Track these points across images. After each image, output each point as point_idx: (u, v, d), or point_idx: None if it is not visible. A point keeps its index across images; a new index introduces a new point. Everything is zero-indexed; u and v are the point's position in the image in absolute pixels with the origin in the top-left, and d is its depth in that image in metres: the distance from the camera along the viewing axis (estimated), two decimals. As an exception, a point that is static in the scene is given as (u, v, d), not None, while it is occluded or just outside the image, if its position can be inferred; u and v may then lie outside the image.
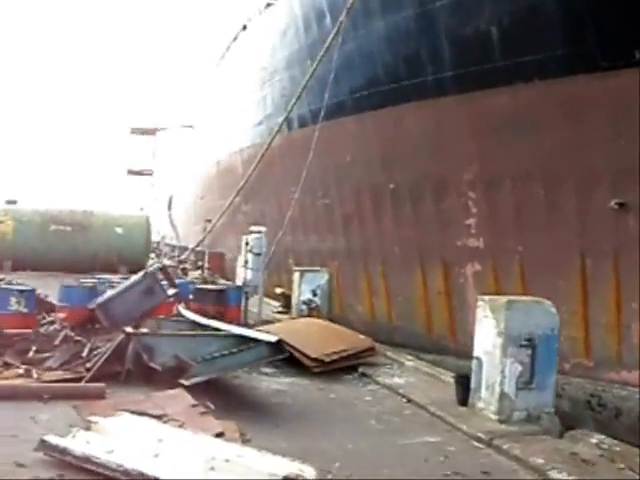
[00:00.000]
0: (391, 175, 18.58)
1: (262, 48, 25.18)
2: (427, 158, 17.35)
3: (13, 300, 11.22)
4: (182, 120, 56.17)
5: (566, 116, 14.10)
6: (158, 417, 6.90)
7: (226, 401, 8.52)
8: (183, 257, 37.61)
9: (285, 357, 9.76)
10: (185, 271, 26.19)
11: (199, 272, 26.48)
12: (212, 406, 7.99)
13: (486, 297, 8.96)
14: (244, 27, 27.47)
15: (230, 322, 11.06)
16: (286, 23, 22.80)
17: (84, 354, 9.54)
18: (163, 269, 11.91)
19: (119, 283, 12.38)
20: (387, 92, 18.15)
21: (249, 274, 14.29)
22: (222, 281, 20.78)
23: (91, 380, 8.86)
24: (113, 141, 72.64)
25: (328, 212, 21.76)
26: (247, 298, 14.05)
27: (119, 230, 26.29)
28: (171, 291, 11.88)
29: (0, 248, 25.50)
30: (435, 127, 16.95)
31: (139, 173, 63.63)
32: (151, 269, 11.06)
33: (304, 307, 13.95)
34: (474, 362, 8.81)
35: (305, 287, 13.77)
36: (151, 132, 62.46)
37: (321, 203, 21.90)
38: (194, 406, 7.51)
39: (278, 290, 15.35)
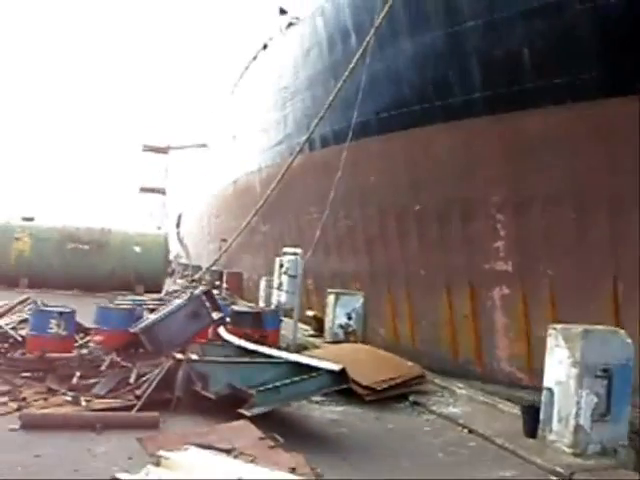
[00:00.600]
0: (417, 196, 18.57)
1: (283, 67, 25.32)
2: (455, 180, 17.33)
3: (53, 322, 10.78)
4: (195, 139, 56.51)
5: (599, 139, 14.10)
6: (227, 451, 6.58)
7: (283, 431, 8.15)
8: (196, 277, 37.68)
9: (347, 387, 9.30)
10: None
11: (217, 292, 26.36)
12: (281, 439, 7.69)
13: (558, 326, 8.66)
14: (264, 46, 27.65)
15: (269, 346, 10.82)
16: (309, 43, 22.92)
17: (132, 380, 9.16)
18: (208, 292, 11.56)
19: (156, 305, 12.21)
20: (414, 113, 18.17)
21: (284, 297, 14.08)
22: (242, 302, 20.69)
23: (141, 408, 8.54)
24: (126, 159, 73.11)
25: (350, 233, 21.73)
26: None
27: (137, 249, 26.26)
28: (216, 315, 11.62)
29: (17, 265, 25.53)
30: (464, 148, 16.94)
31: (152, 191, 63.88)
32: (196, 292, 10.74)
33: (339, 331, 13.57)
34: (545, 393, 8.53)
35: (340, 310, 13.41)
36: (163, 150, 62.74)
37: (343, 224, 21.86)
38: (262, 439, 7.19)
39: (309, 313, 14.97)
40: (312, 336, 15.13)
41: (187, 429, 7.79)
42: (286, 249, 15.16)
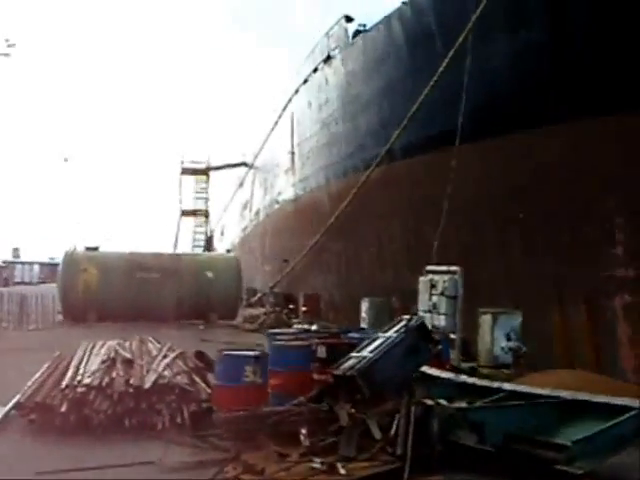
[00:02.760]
0: (520, 204, 18.10)
1: (352, 76, 25.06)
2: (563, 184, 16.86)
3: (248, 369, 9.48)
4: (236, 158, 56.55)
5: None
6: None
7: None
8: (253, 300, 37.60)
9: None
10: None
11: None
12: None
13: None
14: (328, 57, 27.40)
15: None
16: (384, 49, 22.63)
17: (376, 435, 7.96)
18: (423, 324, 10.17)
19: (321, 337, 11.32)
20: (514, 117, 17.76)
21: (442, 320, 13.32)
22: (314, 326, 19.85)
23: (400, 468, 7.35)
24: (165, 182, 73.76)
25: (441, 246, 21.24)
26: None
27: (209, 274, 26.03)
28: (435, 349, 10.34)
29: (84, 298, 25.43)
30: (573, 151, 16.48)
31: (193, 214, 63.74)
32: (411, 323, 9.52)
33: (503, 354, 12.57)
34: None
35: (498, 331, 12.55)
36: (203, 171, 62.69)
37: (428, 238, 21.38)
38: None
39: (452, 335, 13.83)
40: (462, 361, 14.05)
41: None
42: (430, 267, 14.50)
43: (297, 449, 8.00)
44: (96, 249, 27.28)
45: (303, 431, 8.27)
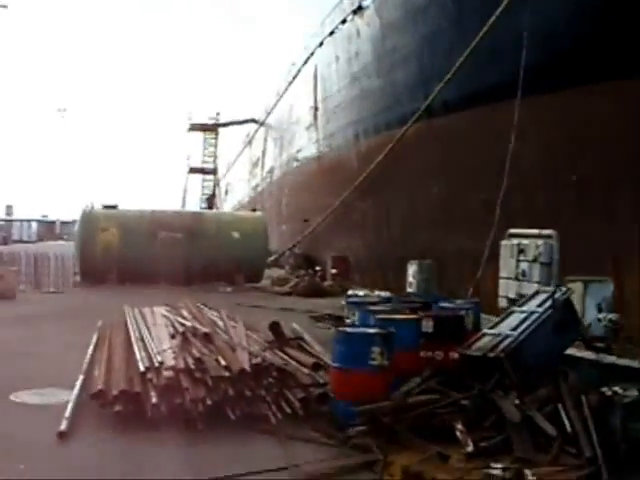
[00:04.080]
0: (577, 164, 17.36)
1: (389, 27, 24.10)
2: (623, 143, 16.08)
3: (375, 351, 7.80)
4: (246, 115, 55.56)
5: None
6: None
7: None
8: (269, 260, 36.67)
9: None
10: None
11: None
12: None
13: None
14: (359, 7, 26.42)
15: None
16: (422, 0, 21.72)
17: (551, 432, 6.83)
18: (569, 298, 8.98)
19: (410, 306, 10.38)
20: (573, 69, 16.94)
21: (532, 289, 12.32)
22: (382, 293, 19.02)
23: (594, 474, 6.34)
24: (172, 138, 72.84)
25: (485, 208, 20.49)
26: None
27: (236, 234, 25.27)
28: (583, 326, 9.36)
29: (104, 259, 24.72)
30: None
31: (201, 171, 63.02)
32: (557, 295, 8.47)
33: (601, 327, 11.57)
34: None
35: (590, 301, 11.67)
36: (211, 128, 61.83)
37: (476, 198, 20.67)
38: None
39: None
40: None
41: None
42: (514, 230, 13.67)
43: (457, 449, 6.84)
44: (115, 207, 26.48)
45: (459, 426, 7.03)
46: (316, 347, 9.88)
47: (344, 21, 28.17)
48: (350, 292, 16.88)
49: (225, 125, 61.09)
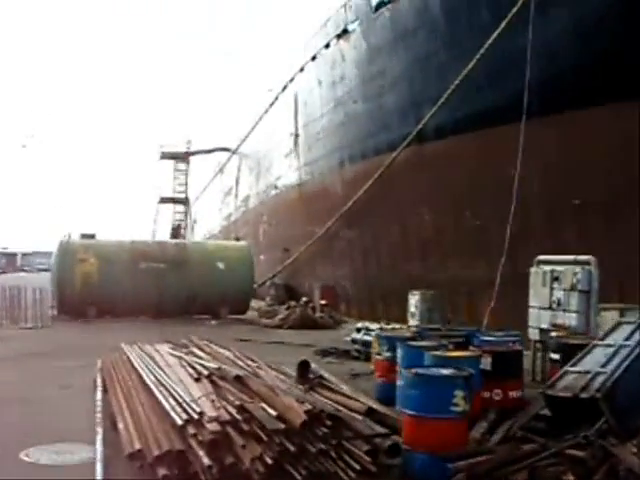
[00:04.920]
0: (577, 188, 17.10)
1: (376, 51, 23.83)
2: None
3: (458, 395, 7.00)
4: (218, 144, 55.04)
5: None
6: None
7: None
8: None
9: None
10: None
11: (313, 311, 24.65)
12: None
13: None
14: (344, 31, 26.15)
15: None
16: (414, 21, 21.48)
17: None
18: None
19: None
20: (572, 93, 16.74)
21: (572, 319, 11.77)
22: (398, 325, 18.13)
23: None
24: (144, 167, 72.00)
25: (479, 234, 20.16)
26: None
27: (220, 265, 24.66)
28: None
29: (83, 291, 23.97)
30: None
31: (172, 200, 62.23)
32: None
33: None
34: None
35: None
36: (183, 157, 61.15)
37: (470, 224, 20.35)
38: None
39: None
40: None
41: None
42: (544, 257, 13.12)
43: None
44: (93, 236, 25.76)
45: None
46: (343, 387, 9.10)
47: (327, 45, 27.84)
48: (360, 325, 16.26)
49: (196, 153, 60.44)
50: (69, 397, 10.82)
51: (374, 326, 15.57)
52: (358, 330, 15.70)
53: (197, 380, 8.64)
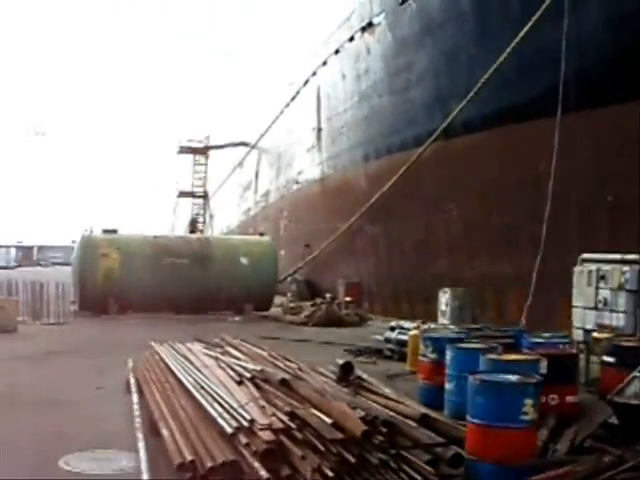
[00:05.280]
0: (611, 185, 16.83)
1: (402, 44, 23.58)
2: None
3: (528, 404, 6.69)
4: (237, 138, 54.85)
5: None
6: None
7: None
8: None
9: None
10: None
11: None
12: None
13: None
14: (369, 24, 25.90)
15: None
16: (443, 14, 21.23)
17: None
18: None
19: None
20: (605, 88, 16.47)
21: (619, 319, 11.43)
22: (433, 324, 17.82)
23: None
24: (161, 160, 72.00)
25: (507, 231, 19.90)
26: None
27: (244, 260, 24.52)
28: None
29: (104, 286, 23.87)
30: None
31: (191, 195, 62.23)
32: None
33: None
34: None
35: None
36: (202, 151, 61.10)
37: (497, 221, 20.10)
38: None
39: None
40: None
41: None
42: (588, 255, 12.82)
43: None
44: (115, 231, 25.62)
45: None
46: (386, 390, 8.79)
47: (352, 38, 27.61)
48: (393, 324, 16.00)
49: (215, 148, 60.35)
50: (103, 399, 10.64)
51: (408, 324, 15.31)
52: (392, 329, 15.44)
53: (239, 383, 8.37)
